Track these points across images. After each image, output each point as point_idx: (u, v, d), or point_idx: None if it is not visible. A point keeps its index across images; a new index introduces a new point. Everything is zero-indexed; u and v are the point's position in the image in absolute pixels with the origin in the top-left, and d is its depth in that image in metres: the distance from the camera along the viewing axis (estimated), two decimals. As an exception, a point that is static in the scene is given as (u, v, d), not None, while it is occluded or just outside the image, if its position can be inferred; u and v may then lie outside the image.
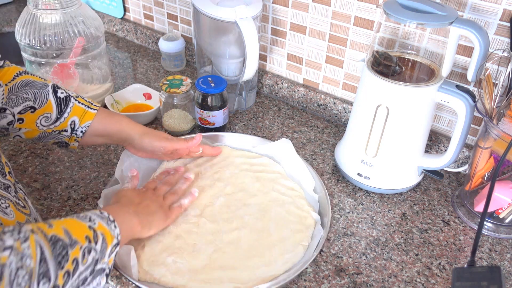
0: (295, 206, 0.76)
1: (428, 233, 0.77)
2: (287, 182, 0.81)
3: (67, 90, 0.71)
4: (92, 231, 0.52)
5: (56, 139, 0.71)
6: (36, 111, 0.67)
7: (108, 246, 0.53)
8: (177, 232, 0.70)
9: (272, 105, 1.09)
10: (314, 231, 0.72)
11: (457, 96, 0.72)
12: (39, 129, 0.68)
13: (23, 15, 0.96)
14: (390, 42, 0.83)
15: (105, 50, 1.06)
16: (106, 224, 0.55)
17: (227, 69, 1.00)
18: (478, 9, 0.77)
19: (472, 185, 0.79)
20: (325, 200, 0.76)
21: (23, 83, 0.66)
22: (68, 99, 0.69)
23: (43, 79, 0.69)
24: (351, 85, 1.00)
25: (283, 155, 0.85)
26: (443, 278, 0.69)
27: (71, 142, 0.71)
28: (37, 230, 0.45)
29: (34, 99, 0.66)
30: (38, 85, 0.67)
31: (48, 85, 0.69)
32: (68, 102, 0.69)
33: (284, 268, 0.66)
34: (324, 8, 0.94)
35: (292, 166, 0.83)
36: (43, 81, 0.69)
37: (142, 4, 1.31)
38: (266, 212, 0.75)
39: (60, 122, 0.69)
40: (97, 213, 0.56)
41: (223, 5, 0.92)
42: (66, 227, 0.49)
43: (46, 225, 0.47)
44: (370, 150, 0.80)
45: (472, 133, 0.87)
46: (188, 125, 0.97)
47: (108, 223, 0.55)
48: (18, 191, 0.62)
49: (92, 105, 0.72)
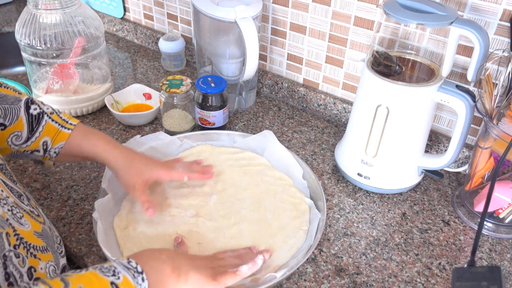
0: (287, 194, 0.78)
1: (428, 233, 0.77)
2: (275, 173, 0.83)
3: (43, 106, 0.65)
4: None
5: (30, 158, 0.67)
6: (7, 129, 0.62)
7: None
8: (178, 233, 0.70)
9: (272, 105, 1.09)
10: (310, 215, 0.74)
11: (457, 96, 0.72)
12: (11, 147, 0.63)
13: (23, 15, 0.96)
14: (390, 42, 0.83)
15: (105, 50, 1.06)
16: (132, 277, 0.47)
17: (227, 69, 1.00)
18: (478, 9, 0.76)
19: (472, 185, 0.79)
20: (316, 185, 0.78)
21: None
22: (40, 117, 0.64)
23: (17, 92, 0.64)
24: (351, 85, 1.00)
25: (265, 146, 0.86)
26: (443, 278, 0.69)
27: (46, 160, 0.67)
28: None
29: (4, 116, 0.61)
30: (10, 100, 0.62)
31: (21, 100, 0.63)
32: (41, 120, 0.64)
33: (290, 254, 0.68)
34: (324, 8, 0.94)
35: (276, 156, 0.85)
36: (16, 95, 0.63)
37: (142, 4, 1.31)
38: (261, 204, 0.76)
39: (31, 141, 0.64)
40: (124, 263, 0.49)
41: (223, 5, 0.92)
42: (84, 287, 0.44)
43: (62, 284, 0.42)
44: (370, 150, 0.80)
45: (472, 133, 0.87)
46: (188, 125, 0.97)
47: (135, 276, 0.47)
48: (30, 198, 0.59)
49: (66, 123, 0.66)
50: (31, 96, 0.65)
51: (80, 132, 0.67)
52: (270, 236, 0.71)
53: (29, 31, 0.94)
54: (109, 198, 0.73)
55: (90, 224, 0.74)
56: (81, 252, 0.70)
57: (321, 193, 0.76)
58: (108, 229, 0.70)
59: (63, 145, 0.65)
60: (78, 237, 0.72)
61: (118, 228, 0.71)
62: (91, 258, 0.69)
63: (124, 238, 0.70)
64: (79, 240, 0.72)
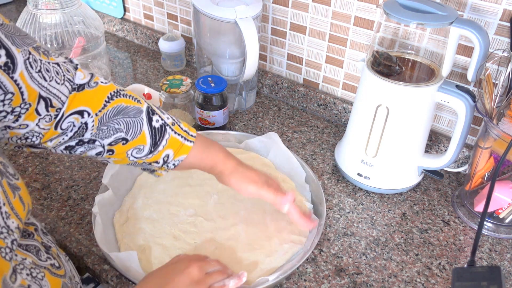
0: None
1: (428, 233, 0.77)
2: (278, 175, 0.83)
3: (162, 115, 0.62)
4: None
5: (145, 167, 0.65)
6: (128, 143, 0.59)
7: None
8: (175, 233, 0.71)
9: (272, 105, 1.09)
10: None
11: (457, 96, 0.72)
12: (129, 159, 0.61)
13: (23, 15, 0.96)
14: (390, 42, 0.83)
15: (105, 50, 1.06)
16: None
17: (227, 69, 1.00)
18: (478, 9, 0.76)
19: (472, 185, 0.79)
20: (318, 189, 0.77)
21: (115, 111, 0.57)
22: (163, 129, 0.60)
23: (137, 101, 0.60)
24: (351, 85, 1.00)
25: (270, 148, 0.86)
26: (443, 278, 0.69)
27: (160, 170, 0.65)
28: None
29: (126, 130, 0.58)
30: (131, 112, 0.58)
31: (142, 111, 0.59)
32: (164, 133, 0.60)
33: (285, 258, 0.68)
34: (324, 8, 0.94)
35: (280, 158, 0.84)
36: (136, 104, 0.59)
37: (142, 4, 1.31)
38: (261, 206, 0.76)
39: (153, 154, 0.60)
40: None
41: (223, 5, 0.92)
42: None
43: None
44: (370, 150, 0.80)
45: (472, 133, 0.87)
46: (188, 125, 0.97)
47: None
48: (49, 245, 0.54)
49: (188, 135, 0.63)
50: (149, 104, 0.61)
51: (200, 144, 0.64)
52: (266, 239, 0.70)
53: (29, 31, 0.94)
54: (110, 193, 0.74)
55: (90, 224, 0.74)
56: (81, 252, 0.70)
57: (322, 198, 0.75)
58: (107, 224, 0.71)
59: (185, 158, 0.63)
60: (78, 237, 0.72)
61: (117, 223, 0.72)
62: (91, 258, 0.69)
63: (122, 233, 0.70)
64: (79, 240, 0.72)
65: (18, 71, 0.47)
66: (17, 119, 0.50)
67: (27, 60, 0.48)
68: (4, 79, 0.46)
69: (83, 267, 0.70)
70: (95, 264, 0.68)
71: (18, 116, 0.50)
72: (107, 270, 0.66)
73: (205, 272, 0.59)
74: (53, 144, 0.56)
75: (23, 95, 0.49)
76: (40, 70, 0.50)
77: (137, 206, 0.75)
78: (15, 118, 0.50)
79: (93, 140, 0.58)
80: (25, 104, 0.50)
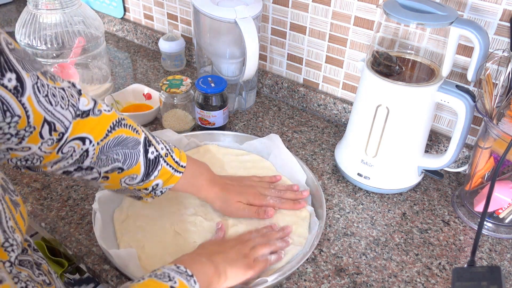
0: None
1: (428, 233, 0.77)
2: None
3: (157, 145, 0.65)
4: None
5: (132, 194, 0.67)
6: (124, 172, 0.62)
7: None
8: (174, 231, 0.71)
9: (272, 105, 1.09)
10: (310, 222, 0.74)
11: (457, 96, 0.72)
12: (121, 186, 0.64)
13: (23, 15, 0.96)
14: (390, 42, 0.83)
15: (105, 50, 1.06)
16: (186, 280, 0.51)
17: (227, 69, 1.00)
18: (478, 9, 0.76)
19: (472, 185, 0.79)
20: (319, 192, 0.77)
21: (116, 142, 0.60)
22: (157, 161, 0.64)
23: (136, 132, 0.62)
24: (351, 85, 1.00)
25: (270, 150, 0.86)
26: (443, 278, 0.69)
27: (146, 198, 0.68)
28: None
29: (123, 161, 0.61)
30: (130, 144, 0.61)
31: (140, 142, 0.62)
32: (157, 165, 0.64)
33: (285, 260, 0.67)
34: (324, 8, 0.94)
35: (281, 160, 0.84)
36: (135, 135, 0.62)
37: (142, 4, 1.31)
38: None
39: (144, 183, 0.64)
40: (174, 268, 0.52)
41: (223, 5, 0.92)
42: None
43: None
44: (370, 150, 0.80)
45: (472, 133, 0.87)
46: (188, 125, 0.97)
47: (188, 279, 0.52)
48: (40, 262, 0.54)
49: (179, 166, 0.66)
50: (147, 135, 0.64)
51: (189, 173, 0.68)
52: None
53: (29, 31, 0.94)
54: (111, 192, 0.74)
55: (90, 224, 0.74)
56: (81, 252, 0.70)
57: (322, 200, 0.75)
58: (107, 221, 0.71)
59: (172, 187, 0.67)
60: (78, 237, 0.72)
61: (117, 220, 0.72)
62: (91, 258, 0.69)
63: (122, 231, 0.71)
64: (79, 240, 0.72)
65: (26, 95, 0.48)
66: (21, 141, 0.51)
67: (35, 84, 0.49)
68: (13, 102, 0.47)
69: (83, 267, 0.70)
70: (95, 264, 0.68)
71: (21, 138, 0.51)
72: (107, 270, 0.66)
73: (250, 247, 0.65)
74: (53, 169, 0.58)
75: (29, 119, 0.49)
76: (47, 94, 0.51)
77: (137, 204, 0.75)
78: (19, 141, 0.51)
79: (91, 167, 0.59)
80: (29, 127, 0.50)
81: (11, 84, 0.46)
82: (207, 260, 0.57)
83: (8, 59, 0.46)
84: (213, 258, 0.59)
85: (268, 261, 0.65)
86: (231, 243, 0.65)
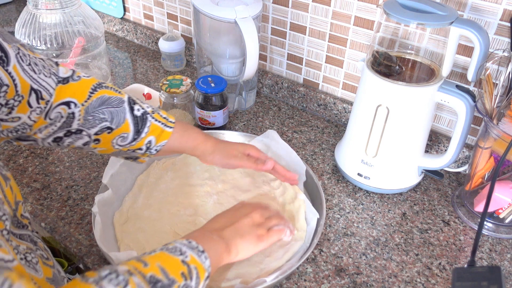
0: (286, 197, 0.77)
1: (428, 233, 0.77)
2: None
3: (142, 104, 0.65)
4: (186, 266, 0.49)
5: (128, 155, 0.68)
6: (113, 132, 0.62)
7: (200, 281, 0.51)
8: (174, 232, 0.71)
9: (272, 105, 1.09)
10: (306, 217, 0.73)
11: (457, 96, 0.72)
12: (114, 148, 0.64)
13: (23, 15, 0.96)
14: (390, 42, 0.83)
15: (105, 50, 1.06)
16: (197, 256, 0.52)
17: (227, 69, 1.00)
18: (478, 9, 0.76)
19: (472, 185, 0.79)
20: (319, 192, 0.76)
21: (99, 102, 0.61)
22: (144, 118, 0.64)
23: (118, 92, 0.64)
24: (351, 85, 1.00)
25: (269, 146, 0.86)
26: (443, 278, 0.69)
27: (143, 157, 0.68)
28: (134, 271, 0.44)
29: (111, 119, 0.62)
30: (114, 102, 0.62)
31: (124, 101, 0.63)
32: (145, 121, 0.64)
33: (286, 258, 0.67)
34: (324, 8, 0.94)
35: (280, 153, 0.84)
36: (118, 95, 0.63)
37: (142, 4, 1.31)
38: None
39: (136, 141, 0.64)
40: (186, 243, 0.53)
41: (223, 5, 0.92)
42: (162, 265, 0.47)
43: (141, 263, 0.46)
44: (370, 150, 0.80)
45: (472, 133, 0.87)
46: (188, 125, 0.97)
47: (199, 255, 0.52)
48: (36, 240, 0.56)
49: (168, 121, 0.67)
50: (130, 95, 0.65)
51: (179, 129, 0.68)
52: None
53: (29, 31, 0.94)
54: (110, 193, 0.74)
55: (90, 224, 0.74)
56: (81, 252, 0.70)
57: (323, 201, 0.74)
58: (107, 224, 0.71)
59: (166, 143, 0.66)
60: (78, 237, 0.72)
61: (117, 223, 0.72)
62: (91, 258, 0.69)
63: (122, 233, 0.70)
64: (79, 240, 0.72)
65: (12, 64, 0.51)
66: (10, 111, 0.53)
67: (18, 54, 0.52)
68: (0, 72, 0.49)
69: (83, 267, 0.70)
70: (95, 264, 0.68)
71: (11, 108, 0.53)
72: (107, 270, 0.66)
73: (265, 217, 0.64)
74: (43, 135, 0.60)
75: (17, 87, 0.52)
76: (30, 63, 0.54)
77: (137, 206, 0.75)
78: (8, 111, 0.53)
79: (80, 130, 0.61)
80: (18, 96, 0.53)
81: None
82: (218, 237, 0.57)
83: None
84: (224, 234, 0.58)
85: (283, 232, 0.64)
86: (246, 209, 0.64)
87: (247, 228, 0.61)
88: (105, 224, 0.70)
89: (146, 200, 0.76)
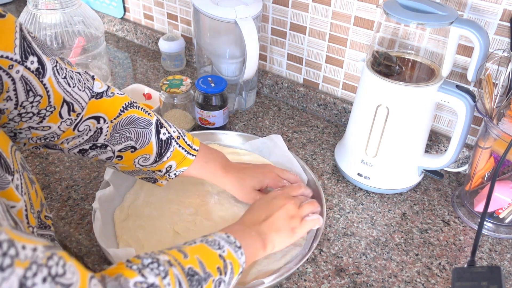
0: None
1: (428, 233, 0.77)
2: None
3: (169, 128, 0.67)
4: (222, 261, 0.51)
5: (147, 175, 0.69)
6: (136, 151, 0.64)
7: (234, 276, 0.52)
8: (174, 231, 0.71)
9: (272, 105, 1.09)
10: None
11: (457, 96, 0.72)
12: (135, 167, 0.66)
13: (23, 15, 0.96)
14: (390, 42, 0.83)
15: (105, 50, 1.06)
16: (234, 251, 0.53)
17: (227, 69, 1.00)
18: (478, 9, 0.77)
19: (472, 185, 0.79)
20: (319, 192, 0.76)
21: (128, 121, 0.63)
22: (169, 142, 0.66)
23: (148, 113, 0.66)
24: (351, 85, 1.00)
25: (272, 150, 0.86)
26: (443, 278, 0.69)
27: (161, 180, 0.70)
28: (174, 262, 0.46)
29: (136, 139, 0.64)
30: (142, 124, 0.64)
31: (152, 123, 0.65)
32: (169, 146, 0.66)
33: (284, 261, 0.67)
34: (324, 8, 0.94)
35: (282, 160, 0.84)
36: (147, 116, 0.65)
37: (142, 4, 1.31)
38: None
39: (157, 164, 0.66)
40: (224, 238, 0.54)
41: (223, 5, 0.92)
42: (200, 258, 0.49)
43: (182, 254, 0.48)
44: (370, 150, 0.80)
45: (472, 133, 0.87)
46: (188, 125, 0.97)
47: (236, 250, 0.54)
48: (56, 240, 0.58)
49: (191, 149, 0.68)
50: (159, 118, 0.67)
51: (202, 157, 0.69)
52: None
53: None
54: (111, 189, 0.74)
55: (90, 224, 0.74)
56: (81, 252, 0.70)
57: (323, 201, 0.74)
58: (107, 220, 0.71)
59: (186, 170, 0.68)
60: (78, 237, 0.72)
61: (118, 219, 0.72)
62: (91, 258, 0.69)
63: (122, 229, 0.71)
64: (79, 240, 0.72)
65: (47, 76, 0.53)
66: (41, 120, 0.56)
67: (55, 67, 0.54)
68: (35, 82, 0.51)
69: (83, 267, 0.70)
70: (95, 264, 0.68)
71: (42, 118, 0.55)
72: (107, 270, 0.66)
73: (298, 206, 0.66)
74: (69, 145, 0.62)
75: (50, 98, 0.54)
76: (65, 77, 0.56)
77: (138, 203, 0.75)
78: (40, 120, 0.55)
79: (105, 145, 0.63)
80: (50, 107, 0.55)
81: (33, 66, 0.51)
82: (255, 234, 0.59)
83: (30, 44, 0.51)
84: (261, 229, 0.60)
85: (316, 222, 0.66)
86: (280, 200, 0.66)
87: (282, 221, 0.63)
88: (105, 220, 0.70)
89: (147, 198, 0.77)
